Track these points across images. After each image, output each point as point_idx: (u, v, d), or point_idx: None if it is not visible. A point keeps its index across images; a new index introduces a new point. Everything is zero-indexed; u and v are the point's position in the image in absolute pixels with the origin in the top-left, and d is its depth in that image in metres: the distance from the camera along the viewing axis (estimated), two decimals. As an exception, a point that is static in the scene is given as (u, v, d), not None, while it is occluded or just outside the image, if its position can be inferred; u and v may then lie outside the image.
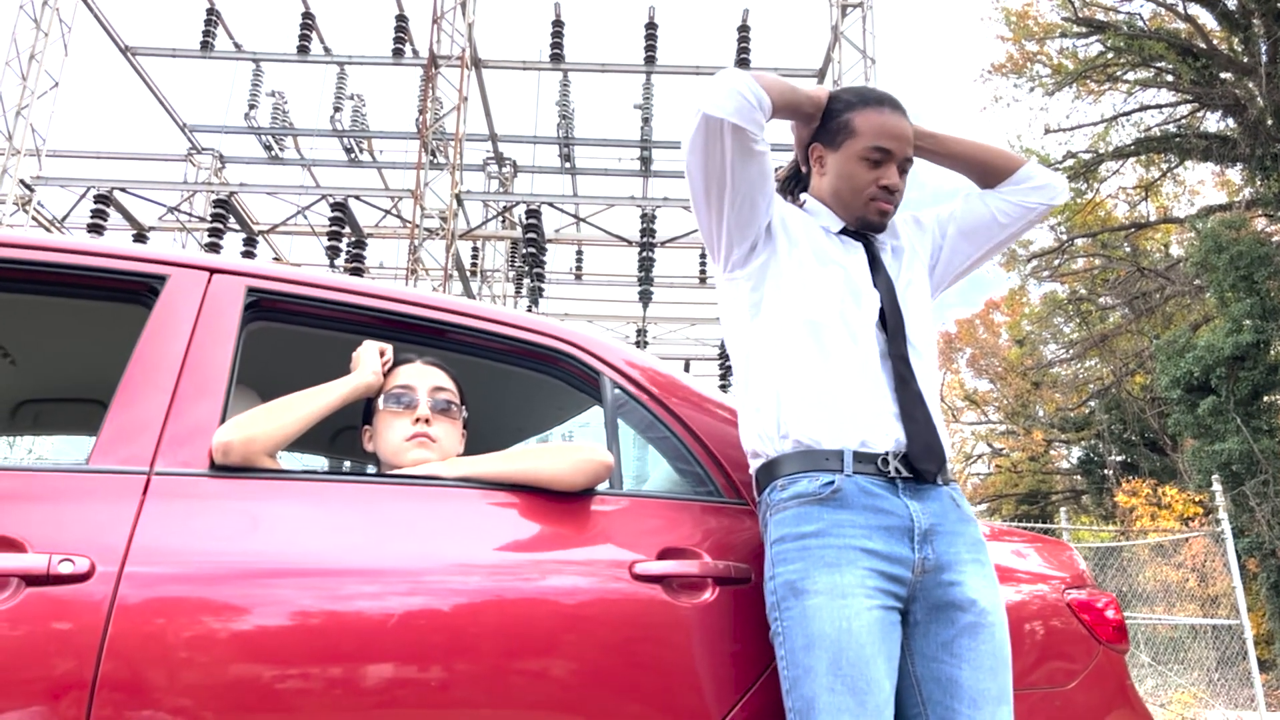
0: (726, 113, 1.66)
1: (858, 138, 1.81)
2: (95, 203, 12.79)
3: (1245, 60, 18.00)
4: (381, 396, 1.85)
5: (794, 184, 2.01)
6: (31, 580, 1.32)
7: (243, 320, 1.73)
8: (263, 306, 1.78)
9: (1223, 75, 18.34)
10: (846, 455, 1.66)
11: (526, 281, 13.59)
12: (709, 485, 1.90)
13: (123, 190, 13.18)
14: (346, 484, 1.60)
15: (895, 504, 1.65)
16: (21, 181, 12.51)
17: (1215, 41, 18.53)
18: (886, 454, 1.67)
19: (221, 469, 1.53)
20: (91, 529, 1.38)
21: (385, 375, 1.86)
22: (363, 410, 1.91)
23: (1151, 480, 17.41)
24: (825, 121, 1.86)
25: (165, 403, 1.57)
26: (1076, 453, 26.81)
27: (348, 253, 13.12)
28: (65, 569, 1.33)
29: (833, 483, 1.64)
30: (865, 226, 1.85)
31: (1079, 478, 26.56)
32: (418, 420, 1.82)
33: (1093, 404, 25.00)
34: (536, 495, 1.71)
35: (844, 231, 1.87)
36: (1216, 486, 9.18)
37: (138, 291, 1.71)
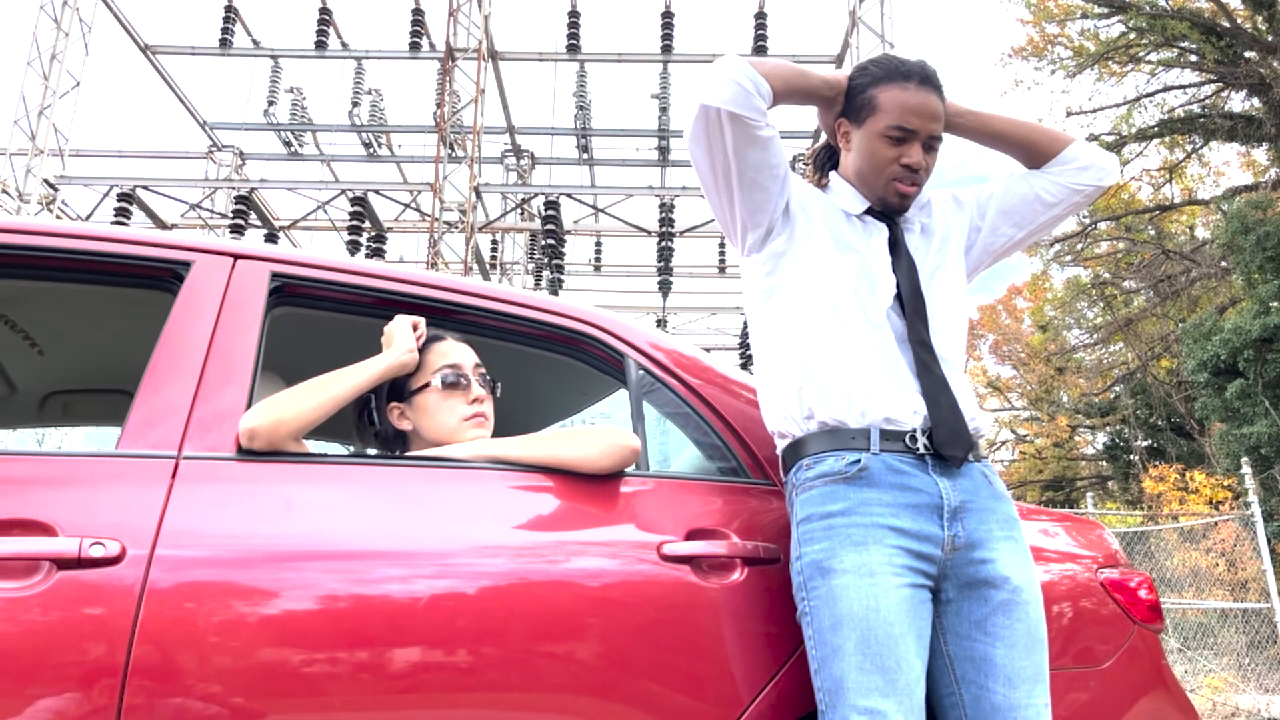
0: (723, 101, 1.64)
1: (880, 114, 1.76)
2: (118, 201, 12.91)
3: (1270, 39, 17.75)
4: (436, 376, 1.85)
5: (826, 161, 1.97)
6: (63, 564, 1.32)
7: (267, 305, 1.73)
8: (287, 292, 1.78)
9: (1247, 54, 18.11)
10: (873, 433, 1.64)
11: (546, 273, 13.60)
12: (736, 465, 1.89)
13: (145, 188, 13.29)
14: (374, 467, 1.60)
15: (924, 481, 1.63)
16: (45, 181, 12.63)
17: (1239, 20, 18.29)
18: (914, 430, 1.65)
19: (248, 453, 1.54)
20: (122, 513, 1.38)
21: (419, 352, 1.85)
22: (387, 388, 1.90)
23: (1179, 465, 17.24)
24: (852, 96, 1.82)
25: (192, 388, 1.57)
26: (1102, 438, 26.61)
27: (368, 247, 13.19)
28: (96, 553, 1.33)
29: (859, 461, 1.62)
30: (886, 208, 1.81)
31: (1105, 463, 26.36)
32: (474, 400, 1.85)
33: (1118, 389, 24.78)
34: (563, 477, 1.70)
35: (868, 212, 1.83)
36: (1245, 470, 9.07)
37: (163, 278, 1.72)
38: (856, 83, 1.81)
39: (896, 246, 1.80)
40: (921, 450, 1.65)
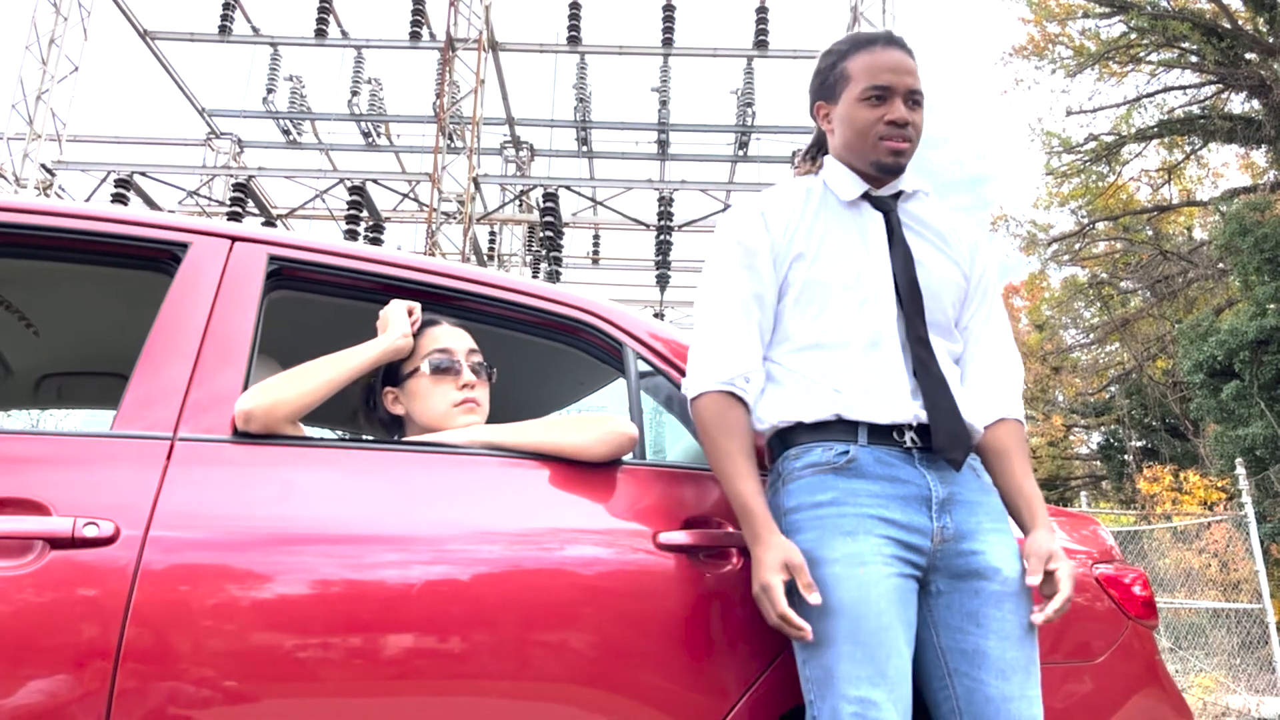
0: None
1: (854, 82, 1.75)
2: (115, 187, 12.87)
3: (1270, 40, 17.75)
4: (425, 361, 1.84)
5: (817, 154, 1.95)
6: (56, 543, 1.32)
7: (264, 288, 1.72)
8: (284, 275, 1.78)
9: (1248, 56, 18.12)
10: (860, 428, 1.64)
11: (544, 265, 13.59)
12: (733, 456, 1.87)
13: (143, 175, 13.25)
14: (369, 451, 1.59)
15: (911, 474, 1.62)
16: (42, 166, 12.59)
17: (1240, 21, 18.28)
18: (901, 425, 1.65)
19: (244, 435, 1.53)
20: (116, 493, 1.38)
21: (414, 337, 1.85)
22: (383, 373, 1.89)
23: (1173, 466, 17.25)
24: (824, 78, 1.82)
25: (188, 369, 1.56)
26: (1096, 438, 26.62)
27: (366, 236, 13.16)
28: (90, 532, 1.33)
29: (847, 452, 1.62)
30: (882, 170, 1.75)
31: (1099, 463, 26.37)
32: (464, 385, 1.84)
33: (1113, 389, 24.80)
34: (560, 464, 1.70)
35: (865, 197, 1.79)
36: (1240, 471, 9.08)
37: (160, 259, 1.71)
38: (824, 65, 1.82)
39: (893, 237, 1.77)
40: (908, 444, 1.64)
